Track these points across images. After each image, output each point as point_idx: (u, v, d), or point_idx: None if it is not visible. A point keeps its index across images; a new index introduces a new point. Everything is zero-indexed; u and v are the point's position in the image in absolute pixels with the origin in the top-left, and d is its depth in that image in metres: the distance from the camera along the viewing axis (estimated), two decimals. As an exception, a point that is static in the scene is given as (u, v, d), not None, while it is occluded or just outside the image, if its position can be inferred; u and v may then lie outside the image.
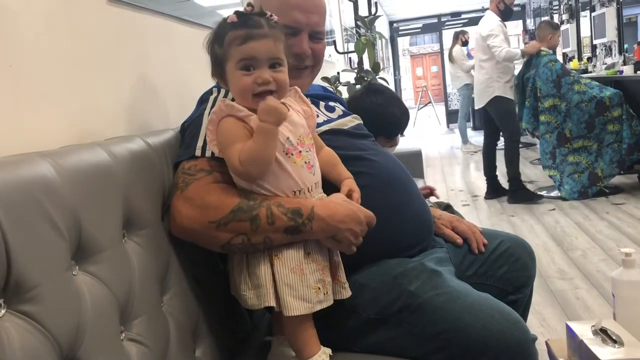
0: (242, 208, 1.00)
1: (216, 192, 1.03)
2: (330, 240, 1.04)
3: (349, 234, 1.04)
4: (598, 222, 3.64)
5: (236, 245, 1.01)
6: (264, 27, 1.01)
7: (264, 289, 0.99)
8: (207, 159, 1.08)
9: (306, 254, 1.02)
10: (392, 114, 1.82)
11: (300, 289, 0.99)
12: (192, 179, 1.04)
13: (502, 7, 4.48)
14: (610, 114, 4.12)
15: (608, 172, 4.20)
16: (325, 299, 1.02)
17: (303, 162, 1.04)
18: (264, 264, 1.00)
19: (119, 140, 1.01)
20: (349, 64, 5.00)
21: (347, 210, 1.05)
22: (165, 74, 1.48)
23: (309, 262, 1.01)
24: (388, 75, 9.87)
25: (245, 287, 1.02)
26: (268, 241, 1.00)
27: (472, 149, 7.65)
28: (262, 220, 0.99)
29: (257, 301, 1.00)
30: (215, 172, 1.06)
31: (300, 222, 1.00)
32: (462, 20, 11.57)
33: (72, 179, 0.79)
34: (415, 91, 19.09)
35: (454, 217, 1.45)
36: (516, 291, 1.36)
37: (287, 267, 1.00)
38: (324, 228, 1.02)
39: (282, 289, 0.99)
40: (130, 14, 1.31)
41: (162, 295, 0.99)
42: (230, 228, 1.00)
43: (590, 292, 2.56)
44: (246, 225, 0.99)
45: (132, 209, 0.94)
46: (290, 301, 0.98)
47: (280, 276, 0.99)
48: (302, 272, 1.00)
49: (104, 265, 0.82)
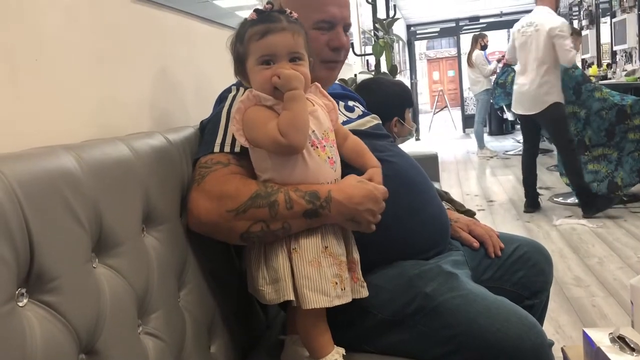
0: (260, 194, 1.00)
1: (233, 181, 1.04)
2: (350, 222, 1.04)
3: (368, 214, 1.04)
4: (615, 230, 3.60)
5: (255, 233, 1.00)
6: (282, 21, 1.02)
7: (283, 282, 0.99)
8: (224, 153, 1.08)
9: (324, 247, 1.02)
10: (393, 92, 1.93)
11: (318, 282, 0.99)
12: (208, 171, 1.05)
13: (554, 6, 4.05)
14: (632, 122, 4.06)
15: (628, 181, 4.14)
16: (343, 295, 1.01)
17: (327, 156, 1.05)
18: (282, 258, 1.00)
19: (140, 136, 1.02)
20: (367, 66, 5.00)
21: (363, 190, 1.05)
22: (186, 71, 1.49)
23: (326, 256, 1.01)
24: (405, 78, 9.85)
25: (263, 282, 1.02)
26: (287, 227, 1.00)
27: (488, 154, 7.60)
28: (281, 205, 0.99)
29: (275, 295, 1.00)
30: (232, 164, 1.07)
31: (318, 204, 1.00)
32: (480, 24, 11.51)
33: (94, 173, 0.80)
34: (431, 95, 19.02)
35: (471, 220, 1.44)
36: (533, 296, 1.34)
37: (305, 260, 1.00)
38: (342, 211, 1.02)
39: (301, 281, 0.98)
40: (153, 11, 1.33)
41: (179, 291, 1.00)
42: (248, 215, 0.99)
43: (606, 300, 2.53)
44: (265, 212, 0.99)
45: (151, 204, 0.95)
46: (309, 294, 0.98)
47: (299, 269, 0.99)
48: (319, 265, 1.00)
49: (123, 258, 0.83)
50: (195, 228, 1.05)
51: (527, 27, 4.02)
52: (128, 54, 1.20)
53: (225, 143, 1.09)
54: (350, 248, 1.07)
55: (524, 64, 4.05)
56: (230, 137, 1.10)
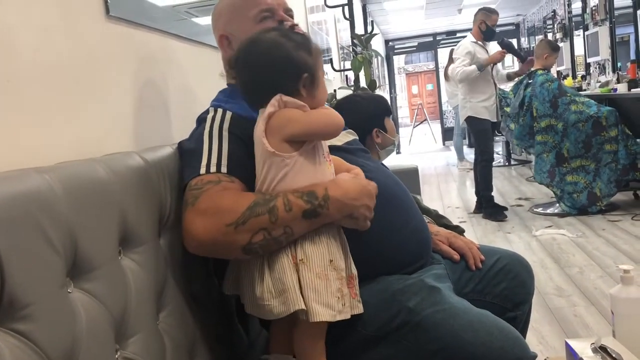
0: (258, 203, 1.00)
1: (228, 195, 1.03)
2: (347, 219, 1.06)
3: (364, 209, 1.07)
4: (595, 239, 3.64)
5: (258, 243, 0.99)
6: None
7: (291, 293, 0.98)
8: (213, 173, 1.08)
9: (329, 260, 1.02)
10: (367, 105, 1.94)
11: (324, 295, 0.99)
12: (200, 192, 1.04)
13: (483, 27, 4.53)
14: (607, 133, 4.14)
15: (606, 192, 4.21)
16: (344, 310, 1.01)
17: (332, 171, 1.10)
18: (289, 269, 1.00)
19: (116, 156, 1.01)
20: (346, 81, 5.03)
21: (358, 186, 1.08)
22: (163, 90, 1.48)
23: (331, 270, 1.01)
24: (384, 92, 9.93)
25: (269, 297, 1.00)
26: (289, 231, 1.00)
27: (468, 166, 7.66)
28: (280, 209, 0.99)
29: (284, 308, 0.98)
30: (223, 181, 1.06)
31: (316, 204, 1.01)
32: (457, 39, 11.65)
33: (68, 195, 0.79)
34: (410, 109, 19.17)
35: (451, 233, 1.45)
36: (515, 308, 1.35)
37: (313, 272, 0.99)
38: (340, 208, 1.03)
39: (308, 294, 0.98)
40: (129, 30, 1.32)
41: (158, 313, 0.98)
42: (249, 226, 0.99)
43: (588, 310, 2.55)
44: (265, 219, 0.99)
45: (128, 226, 0.93)
46: (316, 307, 0.98)
47: (306, 281, 0.99)
48: (327, 278, 1.00)
49: (100, 282, 0.81)
50: (195, 249, 1.03)
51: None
52: (104, 73, 1.19)
53: (211, 164, 1.09)
54: (349, 263, 1.08)
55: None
56: (216, 157, 1.09)
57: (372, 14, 8.79)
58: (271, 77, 1.06)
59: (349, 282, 1.05)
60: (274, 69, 1.06)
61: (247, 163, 1.08)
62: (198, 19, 1.89)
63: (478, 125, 4.53)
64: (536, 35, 9.75)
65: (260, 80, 1.07)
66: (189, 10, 1.82)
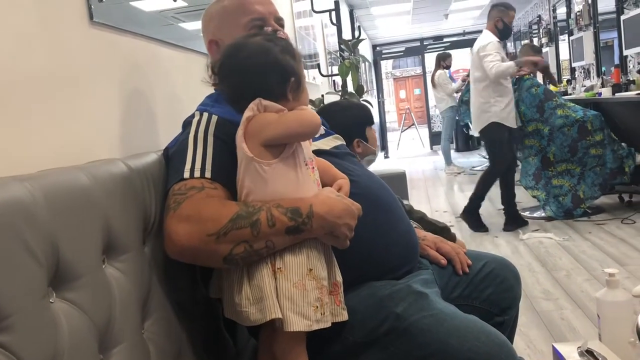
0: (241, 215, 1.00)
1: (211, 204, 1.02)
2: (328, 236, 1.05)
3: (346, 228, 1.06)
4: (581, 242, 3.67)
5: (239, 255, 0.99)
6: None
7: (268, 300, 0.97)
8: (196, 179, 1.07)
9: (308, 269, 1.01)
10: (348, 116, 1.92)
11: (301, 305, 0.98)
12: (183, 197, 1.03)
13: (500, 25, 4.14)
14: (593, 138, 4.18)
15: (590, 194, 4.25)
16: (322, 319, 1.00)
17: (315, 178, 1.09)
18: (267, 276, 0.99)
19: (100, 164, 1.00)
20: (333, 86, 5.04)
21: (342, 205, 1.07)
22: (148, 96, 1.47)
23: (310, 279, 1.01)
24: (372, 98, 9.96)
25: (246, 303, 0.99)
26: (270, 245, 1.00)
27: (455, 171, 7.71)
28: (263, 223, 0.99)
29: (260, 315, 0.98)
30: (207, 188, 1.05)
31: (300, 221, 1.01)
32: (444, 44, 11.76)
33: (50, 203, 0.78)
34: (398, 114, 19.25)
35: (438, 237, 1.45)
36: (502, 313, 1.35)
37: (290, 281, 0.99)
38: (323, 225, 1.03)
39: (284, 303, 0.98)
40: (112, 36, 1.31)
41: (143, 322, 0.97)
42: (230, 237, 0.98)
43: (575, 313, 2.56)
44: (247, 232, 0.98)
45: (112, 234, 0.92)
46: (291, 316, 0.97)
47: (283, 290, 0.98)
48: (304, 288, 0.99)
49: (83, 291, 0.80)
50: (175, 255, 1.02)
51: (471, 50, 4.32)
52: (87, 79, 1.17)
53: (195, 168, 1.08)
54: (333, 271, 1.07)
55: (471, 86, 4.26)
56: (200, 161, 1.09)
57: (359, 19, 8.82)
58: (260, 82, 1.06)
59: (333, 290, 1.05)
60: (263, 73, 1.06)
61: (231, 169, 1.08)
62: (185, 24, 1.88)
63: (502, 133, 4.06)
64: (522, 39, 9.85)
65: (248, 84, 1.07)
66: (176, 15, 1.81)
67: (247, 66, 1.07)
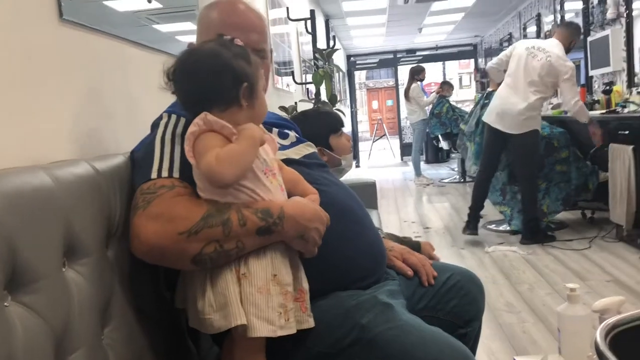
0: (212, 214, 0.99)
1: (182, 202, 1.01)
2: (298, 240, 1.05)
3: (315, 233, 1.07)
4: (544, 257, 3.74)
5: (208, 255, 0.97)
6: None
7: (233, 307, 0.96)
8: (166, 178, 1.05)
9: (272, 275, 1.01)
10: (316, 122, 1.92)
11: (265, 310, 0.97)
12: (153, 197, 1.02)
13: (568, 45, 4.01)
14: (559, 155, 4.28)
15: (553, 209, 4.34)
16: (286, 326, 1.00)
17: (278, 184, 1.08)
18: (231, 282, 0.98)
19: (64, 164, 0.97)
20: (307, 94, 5.05)
21: (313, 209, 1.08)
22: (117, 98, 1.45)
23: (274, 285, 1.00)
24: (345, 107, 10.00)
25: (210, 310, 0.98)
26: (240, 246, 0.99)
27: (424, 182, 7.79)
28: (234, 222, 0.98)
29: (224, 322, 0.97)
30: (177, 187, 1.04)
31: (271, 222, 1.01)
32: (417, 57, 11.91)
33: (9, 203, 0.75)
34: (370, 124, 19.38)
35: (405, 248, 1.46)
36: (466, 325, 1.36)
37: (254, 286, 0.98)
38: (294, 226, 1.04)
39: (248, 308, 0.97)
40: (84, 35, 1.28)
41: (103, 328, 0.95)
42: (201, 236, 0.97)
43: (536, 326, 2.61)
44: (218, 231, 0.97)
45: (74, 236, 0.90)
46: (255, 322, 0.96)
47: (247, 295, 0.98)
48: (268, 293, 0.99)
49: (40, 295, 0.78)
50: (142, 254, 0.99)
51: (537, 50, 3.96)
52: (54, 78, 1.15)
53: (162, 168, 1.06)
54: (299, 277, 1.07)
55: (518, 84, 3.98)
56: (168, 161, 1.07)
57: (334, 29, 8.87)
58: (210, 86, 1.04)
59: (299, 297, 1.05)
60: (213, 76, 1.04)
61: None
62: (159, 25, 1.86)
63: (538, 141, 4.06)
64: (493, 56, 10.03)
65: (198, 88, 1.05)
66: (150, 16, 1.79)
67: (196, 70, 1.05)
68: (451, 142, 7.45)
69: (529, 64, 3.96)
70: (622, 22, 4.83)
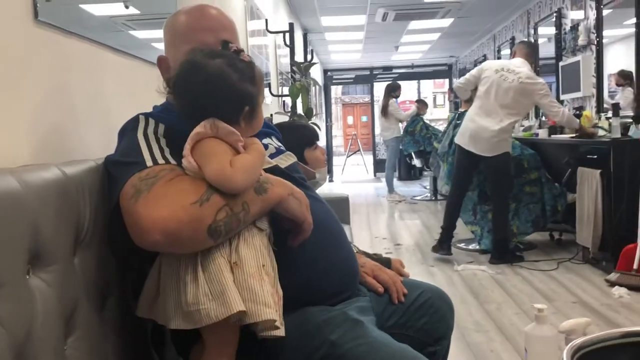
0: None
1: (186, 179, 1.02)
2: (292, 199, 1.10)
3: (300, 195, 1.12)
4: (512, 277, 3.79)
5: (222, 220, 0.98)
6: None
7: (231, 293, 0.96)
8: (164, 164, 1.05)
9: (262, 264, 1.02)
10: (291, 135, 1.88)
11: (261, 294, 0.98)
12: (155, 179, 1.00)
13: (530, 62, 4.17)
14: (528, 176, 4.36)
15: (522, 230, 4.40)
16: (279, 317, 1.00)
17: None
18: (226, 269, 0.98)
19: (33, 168, 0.94)
20: (283, 107, 5.05)
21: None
22: (91, 103, 1.42)
23: (264, 274, 1.01)
24: (320, 121, 10.04)
25: (204, 300, 0.96)
26: (246, 208, 1.02)
27: (397, 198, 7.84)
28: None
29: (223, 309, 0.95)
30: (177, 169, 1.04)
31: (261, 180, 1.07)
32: (393, 74, 12.05)
33: (-27, 207, 0.73)
34: (345, 138, 19.47)
35: (377, 265, 1.46)
36: (435, 342, 1.37)
37: (247, 273, 0.99)
38: (281, 184, 1.11)
39: (244, 294, 0.97)
40: (58, 37, 1.26)
41: (66, 338, 0.92)
42: (212, 202, 0.98)
43: (504, 345, 2.63)
44: (226, 195, 0.99)
45: (40, 243, 0.87)
46: (253, 307, 0.96)
47: (240, 282, 0.98)
48: (261, 279, 1.00)
49: (2, 302, 0.75)
50: (155, 239, 0.94)
51: (507, 72, 4.03)
52: (25, 80, 1.12)
53: (156, 157, 1.06)
54: (277, 282, 1.06)
55: (490, 106, 4.04)
56: (159, 151, 1.08)
57: (312, 43, 8.92)
58: (212, 108, 1.05)
59: (277, 300, 1.04)
60: (216, 99, 1.05)
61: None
62: (136, 32, 1.84)
63: (510, 163, 4.16)
64: (467, 77, 10.22)
65: (200, 107, 1.06)
66: (127, 22, 1.77)
67: (201, 89, 1.05)
68: (424, 159, 7.53)
69: (500, 86, 4.04)
70: (592, 49, 4.98)
